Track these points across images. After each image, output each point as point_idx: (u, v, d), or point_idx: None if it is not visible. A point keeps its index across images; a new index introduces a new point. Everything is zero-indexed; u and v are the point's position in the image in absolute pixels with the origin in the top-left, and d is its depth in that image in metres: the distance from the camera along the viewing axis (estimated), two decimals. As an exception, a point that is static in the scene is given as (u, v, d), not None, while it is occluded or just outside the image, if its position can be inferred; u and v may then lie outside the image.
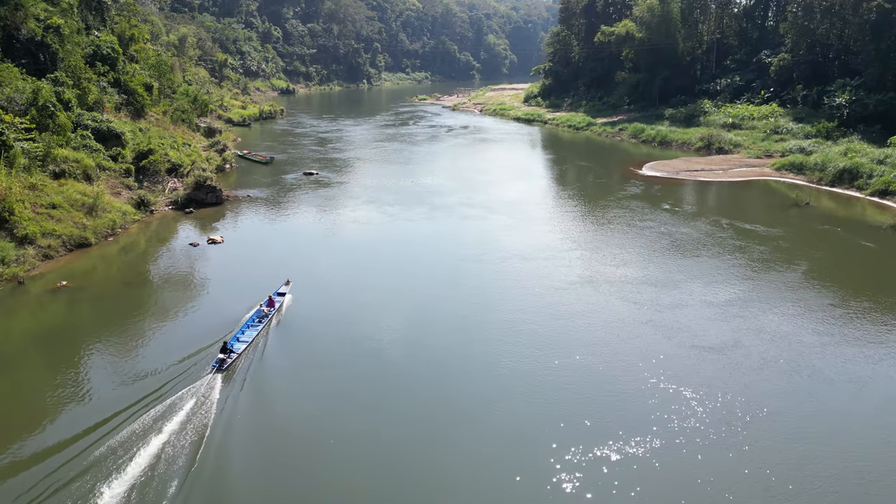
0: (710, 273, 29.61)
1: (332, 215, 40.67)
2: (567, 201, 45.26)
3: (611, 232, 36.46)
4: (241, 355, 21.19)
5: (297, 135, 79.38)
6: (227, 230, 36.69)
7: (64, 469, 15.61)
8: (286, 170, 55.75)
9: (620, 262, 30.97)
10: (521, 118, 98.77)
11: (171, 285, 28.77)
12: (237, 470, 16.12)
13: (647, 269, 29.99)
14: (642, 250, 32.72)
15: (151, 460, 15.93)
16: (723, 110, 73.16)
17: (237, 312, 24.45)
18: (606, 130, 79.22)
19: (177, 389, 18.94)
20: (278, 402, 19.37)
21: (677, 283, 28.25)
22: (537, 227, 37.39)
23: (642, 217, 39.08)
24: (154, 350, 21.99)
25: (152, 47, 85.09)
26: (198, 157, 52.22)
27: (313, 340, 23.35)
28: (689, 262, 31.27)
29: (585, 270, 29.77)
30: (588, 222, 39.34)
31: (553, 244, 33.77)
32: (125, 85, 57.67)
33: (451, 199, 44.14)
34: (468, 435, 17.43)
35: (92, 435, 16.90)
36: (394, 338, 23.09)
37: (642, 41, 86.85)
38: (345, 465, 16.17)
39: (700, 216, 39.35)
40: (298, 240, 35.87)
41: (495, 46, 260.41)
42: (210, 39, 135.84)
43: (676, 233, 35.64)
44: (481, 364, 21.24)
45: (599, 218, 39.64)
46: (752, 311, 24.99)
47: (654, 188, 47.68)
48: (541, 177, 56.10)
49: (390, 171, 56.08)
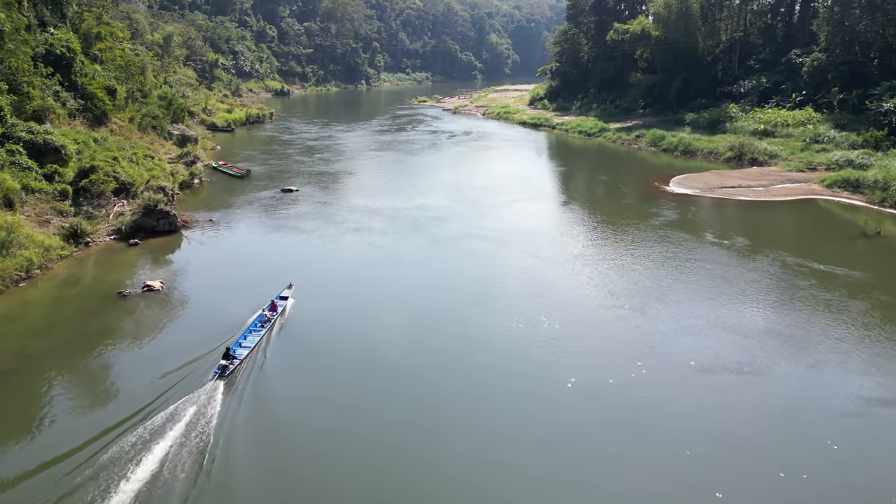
0: (811, 349, 21.92)
1: (308, 249, 33.72)
2: (591, 232, 37.40)
3: (655, 278, 28.70)
4: (244, 361, 20.87)
5: (282, 142, 72.48)
6: (172, 271, 29.81)
7: (66, 480, 15.31)
8: (263, 185, 48.94)
9: (679, 329, 23.52)
10: (526, 122, 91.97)
11: (68, 369, 21.12)
12: (241, 479, 15.87)
13: (719, 342, 22.36)
14: (704, 310, 25.18)
15: (154, 470, 15.65)
16: (751, 115, 66.26)
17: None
18: (622, 137, 72.38)
19: (177, 398, 18.52)
20: (281, 410, 18.97)
21: (766, 369, 20.63)
22: (560, 268, 30.14)
23: (688, 254, 31.85)
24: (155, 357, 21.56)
25: (130, 47, 78.62)
26: (160, 171, 45.45)
27: (316, 344, 22.85)
28: (771, 325, 23.72)
29: (637, 344, 22.53)
30: (623, 262, 31.18)
31: (585, 298, 26.57)
32: (83, 89, 51.02)
33: (455, 227, 37.03)
34: (474, 443, 17.10)
35: (93, 446, 16.47)
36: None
37: (659, 40, 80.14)
38: (350, 475, 15.95)
39: (757, 252, 32.12)
40: (258, 283, 28.02)
41: (498, 46, 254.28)
42: (200, 38, 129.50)
43: (738, 278, 28.35)
44: (488, 372, 20.75)
45: (635, 256, 31.95)
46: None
47: (689, 210, 40.75)
48: (556, 196, 48.77)
49: (384, 187, 49.01)
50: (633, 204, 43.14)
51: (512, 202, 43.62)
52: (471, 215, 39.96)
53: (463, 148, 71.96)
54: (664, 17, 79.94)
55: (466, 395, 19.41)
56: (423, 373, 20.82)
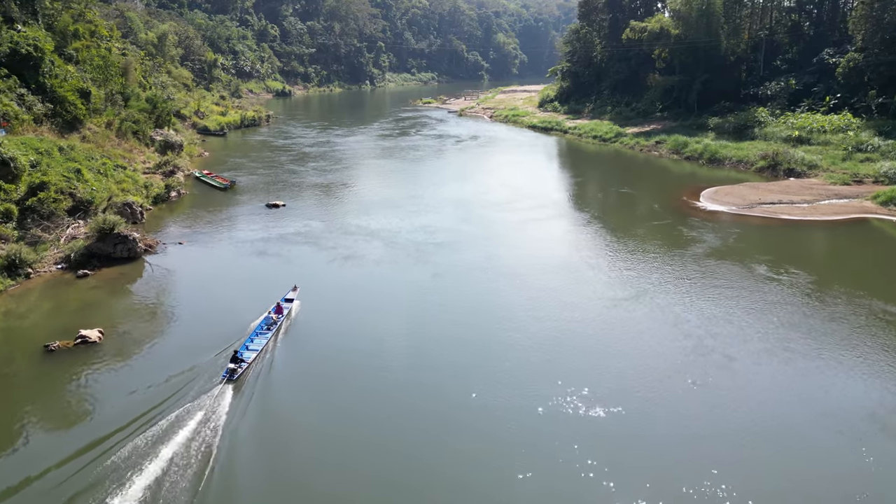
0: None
1: (290, 279, 28.59)
2: (624, 263, 31.00)
3: (717, 334, 22.98)
4: (252, 364, 20.60)
5: (276, 148, 67.60)
6: (122, 312, 24.95)
7: (71, 481, 15.02)
8: (247, 199, 44.13)
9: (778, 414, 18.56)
10: (537, 126, 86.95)
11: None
12: (247, 484, 15.46)
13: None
14: (797, 384, 19.95)
15: (161, 472, 15.31)
16: (782, 120, 61.06)
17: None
18: (640, 143, 67.23)
19: (186, 401, 18.20)
20: (288, 414, 18.55)
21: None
22: (600, 319, 24.83)
23: (746, 295, 26.22)
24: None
25: (119, 46, 74.08)
26: (131, 184, 40.78)
27: (322, 348, 22.54)
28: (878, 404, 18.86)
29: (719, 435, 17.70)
30: (671, 310, 25.16)
31: (639, 366, 21.44)
32: (52, 91, 46.40)
33: (464, 257, 31.61)
34: (481, 449, 16.55)
35: (99, 447, 16.18)
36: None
37: (679, 38, 74.98)
38: (358, 482, 15.49)
39: (826, 290, 26.68)
40: (222, 329, 22.94)
41: (505, 46, 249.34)
42: (199, 38, 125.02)
43: (814, 328, 23.11)
44: (494, 377, 20.15)
45: (683, 297, 26.37)
46: None
47: (730, 233, 35.54)
48: (575, 213, 42.89)
49: (382, 203, 43.70)
50: (664, 226, 37.38)
51: (527, 222, 38.54)
52: (482, 240, 34.72)
53: (470, 155, 66.98)
54: (684, 15, 74.85)
55: (479, 405, 18.57)
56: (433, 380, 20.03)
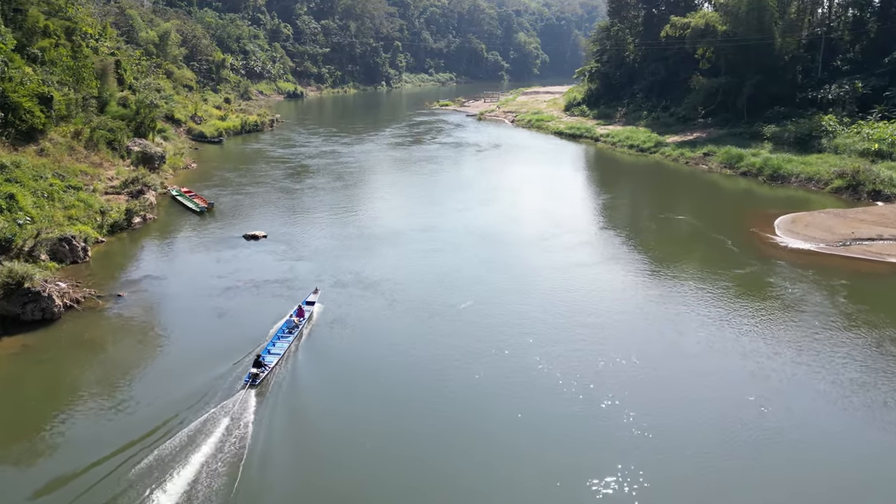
0: None
1: (247, 362, 21.12)
2: (718, 343, 22.58)
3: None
4: (274, 368, 20.04)
5: (273, 159, 60.30)
6: (11, 408, 17.87)
7: (95, 490, 14.54)
8: (224, 226, 36.81)
9: None
10: (564, 133, 79.04)
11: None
12: (278, 489, 14.98)
13: None
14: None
15: (190, 479, 14.96)
16: (854, 130, 52.64)
17: None
18: (684, 154, 59.09)
19: (210, 406, 17.67)
20: (313, 419, 18.01)
21: None
22: (668, 426, 17.49)
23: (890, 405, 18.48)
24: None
25: (111, 45, 67.59)
26: (83, 210, 33.82)
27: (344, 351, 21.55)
28: None
29: None
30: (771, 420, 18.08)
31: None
32: (4, 97, 39.70)
33: (489, 323, 23.64)
34: (506, 461, 16.03)
35: (122, 454, 15.65)
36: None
37: (726, 35, 66.73)
38: (388, 489, 15.01)
39: None
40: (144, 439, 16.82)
41: (526, 45, 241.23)
42: (206, 36, 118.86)
43: None
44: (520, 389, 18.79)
45: (817, 403, 18.81)
46: None
47: (827, 284, 27.16)
48: (631, 256, 33.05)
49: (385, 237, 35.27)
50: (749, 276, 28.58)
51: (571, 268, 30.05)
52: (514, 302, 25.87)
53: (492, 167, 59.21)
54: (733, 9, 66.50)
55: (512, 419, 17.55)
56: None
